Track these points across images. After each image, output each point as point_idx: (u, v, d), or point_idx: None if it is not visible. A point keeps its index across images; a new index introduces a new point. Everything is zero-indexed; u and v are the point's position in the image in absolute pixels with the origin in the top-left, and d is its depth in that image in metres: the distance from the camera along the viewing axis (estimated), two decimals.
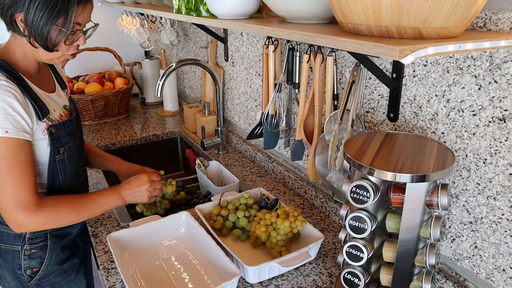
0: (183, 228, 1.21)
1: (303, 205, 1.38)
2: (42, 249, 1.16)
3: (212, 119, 1.91)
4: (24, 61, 1.07)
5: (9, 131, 0.95)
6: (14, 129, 0.96)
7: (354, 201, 0.80)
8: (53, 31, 0.98)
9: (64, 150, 1.12)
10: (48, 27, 0.97)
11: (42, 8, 0.94)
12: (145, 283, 1.03)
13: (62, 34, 1.00)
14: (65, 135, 1.12)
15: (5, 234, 1.12)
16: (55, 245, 1.18)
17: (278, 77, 1.32)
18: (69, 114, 1.17)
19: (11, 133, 0.96)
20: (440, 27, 0.64)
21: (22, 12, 0.96)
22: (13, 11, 0.96)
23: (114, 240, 1.11)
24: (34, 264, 1.15)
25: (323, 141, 1.13)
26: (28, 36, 0.99)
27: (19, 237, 1.13)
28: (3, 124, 0.95)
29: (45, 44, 1.00)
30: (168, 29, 2.18)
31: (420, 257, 0.81)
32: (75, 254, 1.26)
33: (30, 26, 0.97)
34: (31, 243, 1.14)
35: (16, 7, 0.96)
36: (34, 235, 1.14)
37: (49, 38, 0.99)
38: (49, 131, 1.06)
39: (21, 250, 1.13)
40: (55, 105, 1.12)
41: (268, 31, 0.90)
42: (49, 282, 1.19)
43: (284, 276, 1.05)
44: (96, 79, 2.30)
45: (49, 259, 1.17)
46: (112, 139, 1.98)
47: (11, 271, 1.15)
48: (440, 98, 0.90)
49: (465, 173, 0.88)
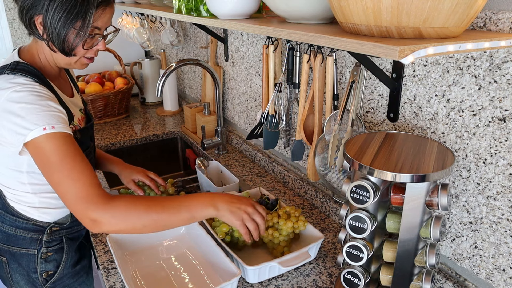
0: (183, 228, 1.21)
1: (303, 205, 1.38)
2: (58, 251, 1.16)
3: (212, 119, 1.91)
4: (47, 65, 1.05)
5: (55, 126, 0.91)
6: (59, 124, 0.92)
7: (354, 201, 0.80)
8: (71, 34, 0.96)
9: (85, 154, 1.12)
10: (66, 30, 0.95)
11: (60, 10, 0.92)
12: (145, 283, 1.03)
13: (79, 37, 0.97)
14: (86, 140, 1.12)
15: (21, 238, 1.13)
16: (70, 247, 1.19)
17: (278, 77, 1.32)
18: (85, 117, 1.18)
19: (57, 128, 0.91)
20: (440, 27, 0.64)
21: (41, 14, 0.94)
22: (32, 14, 0.95)
23: (114, 240, 1.11)
24: (50, 267, 1.16)
25: (323, 141, 1.13)
26: (46, 39, 0.97)
27: (36, 241, 1.13)
28: (48, 120, 0.90)
29: (62, 48, 0.97)
30: (168, 29, 2.17)
31: (420, 257, 0.81)
32: (84, 255, 1.27)
33: (48, 29, 0.94)
34: (48, 246, 1.14)
35: (35, 9, 0.94)
36: (51, 238, 1.15)
37: (66, 41, 0.96)
38: (74, 136, 1.05)
39: (37, 253, 1.14)
40: (75, 109, 1.12)
41: (268, 31, 0.90)
42: (63, 284, 1.20)
43: (284, 276, 1.05)
44: (96, 79, 2.30)
45: (65, 262, 1.18)
46: (112, 139, 1.98)
47: (25, 275, 1.15)
48: (440, 98, 0.90)
49: (465, 173, 0.88)
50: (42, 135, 0.89)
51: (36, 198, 1.09)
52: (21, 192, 1.08)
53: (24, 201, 1.09)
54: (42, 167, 0.92)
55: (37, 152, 0.91)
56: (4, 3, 2.55)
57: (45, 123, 0.90)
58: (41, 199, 1.09)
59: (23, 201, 1.09)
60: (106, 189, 1.50)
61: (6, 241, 1.13)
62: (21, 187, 1.07)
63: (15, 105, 0.90)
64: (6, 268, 1.16)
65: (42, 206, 1.10)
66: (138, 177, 1.33)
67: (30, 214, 1.11)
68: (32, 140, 0.90)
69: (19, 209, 1.10)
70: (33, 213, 1.11)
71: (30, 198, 1.09)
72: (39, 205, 1.10)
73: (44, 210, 1.11)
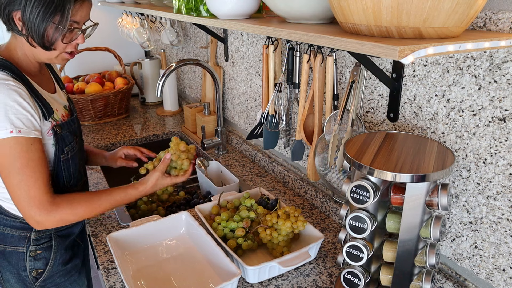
0: (183, 228, 1.21)
1: (303, 205, 1.38)
2: (46, 249, 1.16)
3: (212, 119, 1.91)
4: (25, 61, 1.06)
5: (22, 130, 0.95)
6: (26, 128, 0.96)
7: (354, 201, 0.80)
8: (50, 29, 0.98)
9: (68, 149, 1.12)
10: (45, 25, 0.96)
11: (38, 5, 0.94)
12: (145, 283, 1.03)
13: (58, 31, 0.99)
14: (68, 134, 1.12)
15: (9, 236, 1.12)
16: (59, 245, 1.18)
17: (278, 77, 1.32)
18: (70, 114, 1.18)
19: (23, 132, 0.95)
20: (440, 27, 0.64)
21: (19, 10, 0.95)
22: (11, 10, 0.96)
23: (114, 240, 1.11)
24: (39, 265, 1.15)
25: (323, 141, 1.13)
26: (26, 35, 0.98)
27: (24, 239, 1.13)
28: (16, 123, 0.94)
29: (42, 43, 0.99)
30: (168, 29, 2.18)
31: (420, 257, 0.81)
32: (76, 254, 1.26)
33: (27, 24, 0.96)
34: (36, 244, 1.14)
35: (13, 5, 0.95)
36: (39, 235, 1.14)
37: (45, 36, 0.98)
38: (54, 130, 1.06)
39: (26, 251, 1.13)
40: (57, 105, 1.12)
41: (268, 31, 0.90)
42: (53, 283, 1.19)
43: (284, 276, 1.05)
44: (96, 79, 2.30)
45: (54, 260, 1.17)
46: (112, 139, 1.98)
47: (15, 274, 1.15)
48: (440, 98, 0.90)
49: (465, 173, 0.88)
50: (8, 137, 0.94)
51: None
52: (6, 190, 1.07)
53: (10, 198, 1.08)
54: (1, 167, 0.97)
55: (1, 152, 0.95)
56: None
57: (12, 126, 0.94)
58: None
59: (9, 199, 1.08)
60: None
61: None
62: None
63: None
64: None
65: None
66: (122, 152, 1.43)
67: (17, 212, 1.10)
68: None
69: (6, 207, 1.10)
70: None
71: None
72: None
73: None
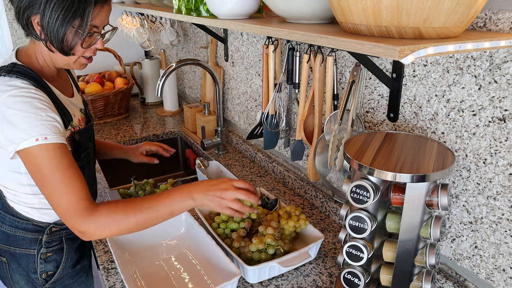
0: (183, 228, 1.21)
1: (303, 205, 1.38)
2: (57, 252, 1.16)
3: (212, 119, 1.91)
4: (45, 66, 1.04)
5: (48, 137, 0.90)
6: (52, 134, 0.91)
7: (354, 201, 0.80)
8: (69, 33, 0.95)
9: (84, 156, 1.12)
10: (64, 29, 0.93)
11: (58, 9, 0.91)
12: (145, 283, 1.03)
13: (78, 36, 0.96)
14: (84, 141, 1.12)
15: (21, 238, 1.13)
16: (70, 247, 1.19)
17: (278, 77, 1.32)
18: (85, 117, 1.17)
19: (50, 139, 0.90)
20: (440, 27, 0.64)
21: (38, 14, 0.92)
22: (29, 14, 0.93)
23: (114, 240, 1.11)
24: (50, 268, 1.16)
25: (323, 141, 1.13)
26: (44, 39, 0.96)
27: (36, 241, 1.13)
28: (41, 130, 0.90)
29: (61, 47, 0.96)
30: (168, 29, 2.17)
31: (420, 257, 0.81)
32: (84, 255, 1.27)
33: (46, 28, 0.93)
34: (47, 247, 1.14)
35: (32, 9, 0.92)
36: (51, 238, 1.15)
37: (65, 40, 0.95)
38: (72, 138, 1.05)
39: (37, 254, 1.14)
40: (74, 109, 1.12)
41: (268, 31, 0.90)
42: (62, 284, 1.20)
43: (284, 276, 1.05)
44: (96, 79, 2.30)
45: (65, 262, 1.18)
46: (112, 139, 1.98)
47: (25, 276, 1.15)
48: (440, 98, 0.90)
49: (465, 173, 0.88)
50: (34, 145, 0.89)
51: (36, 199, 1.09)
52: (21, 193, 1.08)
53: (24, 202, 1.09)
54: (34, 176, 0.93)
55: (29, 161, 0.92)
56: (4, 3, 2.55)
57: (38, 134, 0.89)
58: (40, 200, 1.09)
59: (23, 202, 1.09)
60: (106, 189, 1.50)
61: (6, 242, 1.13)
62: (20, 188, 1.07)
63: (10, 111, 0.89)
64: (6, 268, 1.16)
65: (42, 207, 1.10)
66: (144, 148, 1.46)
67: (30, 214, 1.10)
68: (24, 149, 0.90)
69: (19, 209, 1.10)
70: (33, 214, 1.11)
71: (30, 199, 1.09)
72: (38, 206, 1.10)
73: (43, 211, 1.11)
